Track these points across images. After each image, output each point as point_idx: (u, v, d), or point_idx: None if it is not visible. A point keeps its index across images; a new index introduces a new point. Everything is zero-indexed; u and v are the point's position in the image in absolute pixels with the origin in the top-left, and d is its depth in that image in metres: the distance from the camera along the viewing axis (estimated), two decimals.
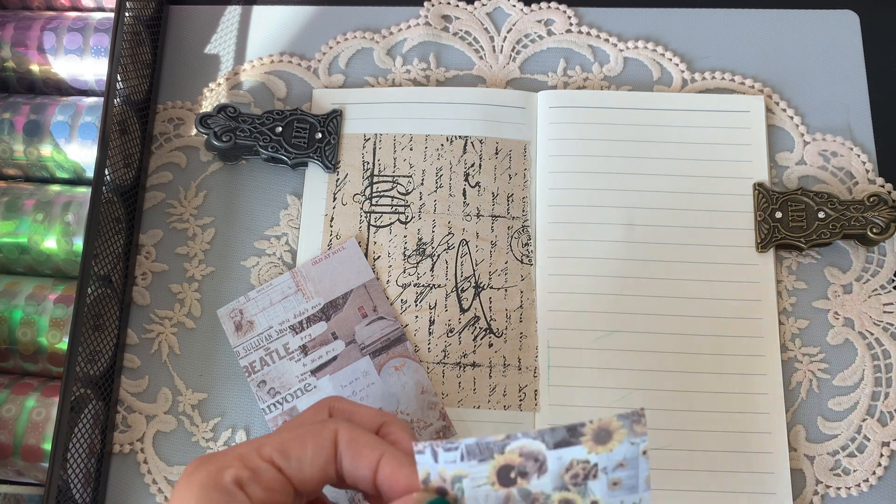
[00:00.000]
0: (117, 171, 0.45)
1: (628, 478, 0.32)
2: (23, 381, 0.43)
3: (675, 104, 0.48)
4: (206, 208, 0.49)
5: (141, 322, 0.47)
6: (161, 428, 0.45)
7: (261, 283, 0.47)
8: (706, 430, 0.43)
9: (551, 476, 0.32)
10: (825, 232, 0.45)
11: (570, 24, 0.51)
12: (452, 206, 0.47)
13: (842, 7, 0.51)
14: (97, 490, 0.43)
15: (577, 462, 0.32)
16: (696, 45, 0.51)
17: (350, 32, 0.52)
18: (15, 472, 0.42)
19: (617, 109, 0.48)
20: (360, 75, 0.51)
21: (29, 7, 0.51)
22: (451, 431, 0.43)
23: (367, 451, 0.30)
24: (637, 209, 0.46)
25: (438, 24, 0.52)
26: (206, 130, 0.47)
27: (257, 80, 0.51)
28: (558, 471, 0.32)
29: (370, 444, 0.30)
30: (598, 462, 0.32)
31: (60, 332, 0.43)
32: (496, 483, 0.31)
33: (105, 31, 0.48)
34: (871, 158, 0.48)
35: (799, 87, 0.50)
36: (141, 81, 0.49)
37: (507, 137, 0.48)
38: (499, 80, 0.50)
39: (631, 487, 0.32)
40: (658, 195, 0.47)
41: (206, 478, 0.28)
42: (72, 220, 0.45)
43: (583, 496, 0.32)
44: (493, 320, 0.45)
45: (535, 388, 0.44)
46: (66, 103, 0.47)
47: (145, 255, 0.48)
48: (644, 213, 0.46)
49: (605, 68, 0.50)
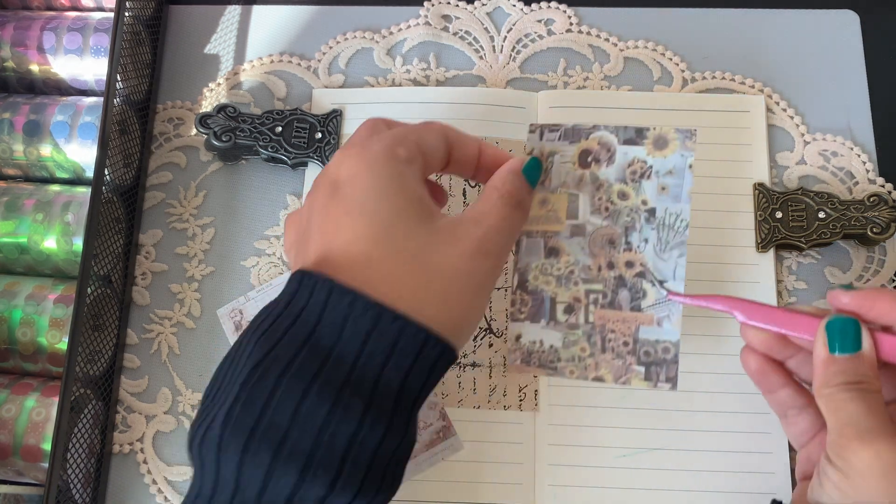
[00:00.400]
0: (117, 171, 0.45)
1: (674, 186, 0.39)
2: (22, 381, 0.43)
3: (675, 104, 0.48)
4: (205, 208, 0.49)
5: (141, 322, 0.47)
6: (161, 428, 0.45)
7: (261, 283, 0.47)
8: (705, 430, 0.43)
9: (616, 168, 0.40)
10: (825, 232, 0.45)
11: (570, 23, 0.51)
12: (452, 207, 0.47)
13: (842, 7, 0.51)
14: (97, 490, 0.43)
15: (637, 160, 0.40)
16: (696, 45, 0.51)
17: (350, 32, 0.52)
18: (15, 472, 0.42)
19: (617, 109, 0.48)
20: (360, 75, 0.51)
21: (29, 7, 0.51)
22: (451, 432, 0.43)
23: (470, 140, 0.38)
24: None
25: (438, 24, 0.52)
26: (205, 130, 0.47)
27: (257, 80, 0.51)
28: (622, 164, 0.40)
29: (470, 138, 0.38)
30: (653, 165, 0.39)
31: (60, 332, 0.43)
32: (576, 163, 0.40)
33: (105, 30, 0.48)
34: (872, 158, 0.48)
35: (799, 87, 0.50)
36: (141, 81, 0.49)
37: (507, 137, 0.48)
38: (499, 80, 0.50)
39: (675, 196, 0.39)
40: None
41: (384, 150, 0.34)
42: (71, 219, 0.45)
43: (636, 192, 0.40)
44: (493, 320, 0.45)
45: (535, 388, 0.44)
46: (65, 103, 0.47)
47: (145, 254, 0.48)
48: None
49: (605, 68, 0.50)
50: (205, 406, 0.32)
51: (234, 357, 0.32)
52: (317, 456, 0.29)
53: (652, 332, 0.39)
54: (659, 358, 0.39)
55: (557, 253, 0.40)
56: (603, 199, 0.40)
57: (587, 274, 0.40)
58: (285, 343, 0.30)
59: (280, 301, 0.32)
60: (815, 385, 0.34)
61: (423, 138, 0.36)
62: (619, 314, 0.40)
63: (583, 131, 0.40)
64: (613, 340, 0.40)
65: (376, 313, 0.31)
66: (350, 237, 0.32)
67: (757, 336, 0.37)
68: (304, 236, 0.35)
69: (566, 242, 0.40)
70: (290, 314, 0.31)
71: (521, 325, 0.40)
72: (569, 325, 0.40)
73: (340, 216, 0.33)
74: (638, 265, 0.40)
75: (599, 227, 0.40)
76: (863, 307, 0.35)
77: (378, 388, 0.30)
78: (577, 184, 0.40)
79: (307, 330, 0.31)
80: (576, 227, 0.40)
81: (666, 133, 0.40)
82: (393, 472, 0.31)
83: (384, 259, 0.32)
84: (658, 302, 0.40)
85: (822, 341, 0.34)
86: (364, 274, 0.32)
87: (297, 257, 0.35)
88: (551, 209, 0.40)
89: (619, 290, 0.40)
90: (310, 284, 0.32)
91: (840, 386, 0.33)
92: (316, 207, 0.34)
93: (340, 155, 0.34)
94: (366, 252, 0.32)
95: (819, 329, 0.35)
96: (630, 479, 0.43)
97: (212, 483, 0.30)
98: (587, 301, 0.40)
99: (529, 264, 0.41)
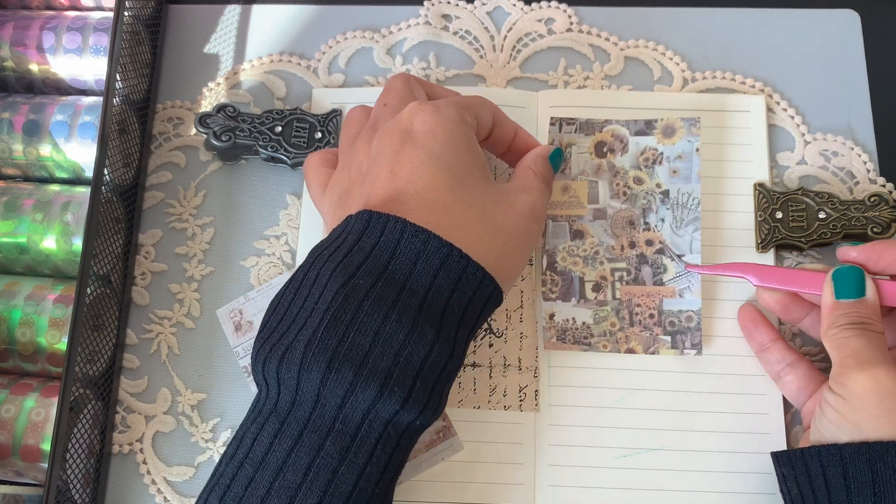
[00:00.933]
0: (116, 171, 0.45)
1: (684, 168, 0.45)
2: (22, 382, 0.43)
3: (675, 104, 0.48)
4: (205, 208, 0.49)
5: (140, 322, 0.47)
6: (160, 428, 0.45)
7: (260, 283, 0.47)
8: (705, 431, 0.43)
9: (630, 156, 0.45)
10: (826, 232, 0.45)
11: (570, 23, 0.51)
12: None
13: (842, 6, 0.51)
14: (96, 490, 0.43)
15: (648, 148, 0.45)
16: (697, 45, 0.51)
17: (350, 32, 0.52)
18: (14, 472, 0.42)
19: (617, 109, 0.48)
20: (360, 75, 0.51)
21: (28, 6, 0.51)
22: (451, 432, 0.43)
23: (510, 122, 0.43)
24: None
25: (438, 24, 0.52)
26: (205, 130, 0.47)
27: (257, 80, 0.51)
28: (635, 153, 0.45)
29: (509, 120, 0.43)
30: (664, 151, 0.45)
31: (59, 332, 0.43)
32: (593, 153, 0.45)
33: (104, 30, 0.48)
34: (872, 158, 0.48)
35: (799, 86, 0.50)
36: (140, 81, 0.49)
37: None
38: (499, 79, 0.50)
39: (686, 177, 0.45)
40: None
41: (458, 114, 0.38)
42: (71, 219, 0.45)
43: (650, 177, 0.45)
44: (493, 320, 0.45)
45: (536, 388, 0.44)
46: (65, 103, 0.47)
47: (144, 254, 0.48)
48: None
49: (605, 68, 0.50)
50: (272, 329, 0.35)
51: (301, 286, 0.35)
52: (394, 374, 0.32)
53: (675, 304, 0.43)
54: (683, 327, 0.43)
55: (582, 235, 0.45)
56: (620, 185, 0.45)
57: (611, 253, 0.44)
58: (362, 274, 0.34)
59: (345, 237, 0.35)
60: (823, 328, 0.38)
61: (479, 111, 0.40)
62: (644, 289, 0.44)
63: (596, 125, 0.46)
64: (640, 314, 0.43)
65: (447, 252, 0.34)
66: (427, 184, 0.36)
67: (772, 297, 0.41)
68: (365, 176, 0.38)
69: (589, 225, 0.45)
70: (361, 249, 0.35)
71: (553, 304, 0.44)
72: (598, 302, 0.44)
73: (417, 164, 0.36)
74: (657, 243, 0.44)
75: (619, 209, 0.45)
76: (870, 259, 0.39)
77: (445, 317, 0.34)
78: (596, 171, 0.45)
79: (382, 263, 0.34)
80: (597, 210, 0.45)
81: (673, 122, 0.45)
82: (444, 392, 0.35)
83: (456, 208, 0.36)
84: (678, 275, 0.44)
85: (829, 289, 0.38)
86: (437, 217, 0.35)
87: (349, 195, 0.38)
88: (573, 195, 0.45)
89: (642, 266, 0.44)
90: (380, 223, 0.35)
91: (844, 326, 0.37)
92: (385, 151, 0.37)
93: (412, 108, 0.38)
94: (441, 200, 0.36)
95: (826, 279, 0.38)
96: (630, 479, 0.43)
97: (290, 398, 0.33)
98: (613, 279, 0.44)
99: (557, 246, 0.45)
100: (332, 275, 0.34)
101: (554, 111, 0.48)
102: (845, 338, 0.36)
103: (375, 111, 0.41)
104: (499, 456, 0.43)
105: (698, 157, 0.45)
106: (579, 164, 0.45)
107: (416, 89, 0.41)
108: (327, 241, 0.36)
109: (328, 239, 0.36)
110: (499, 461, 0.43)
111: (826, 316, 0.38)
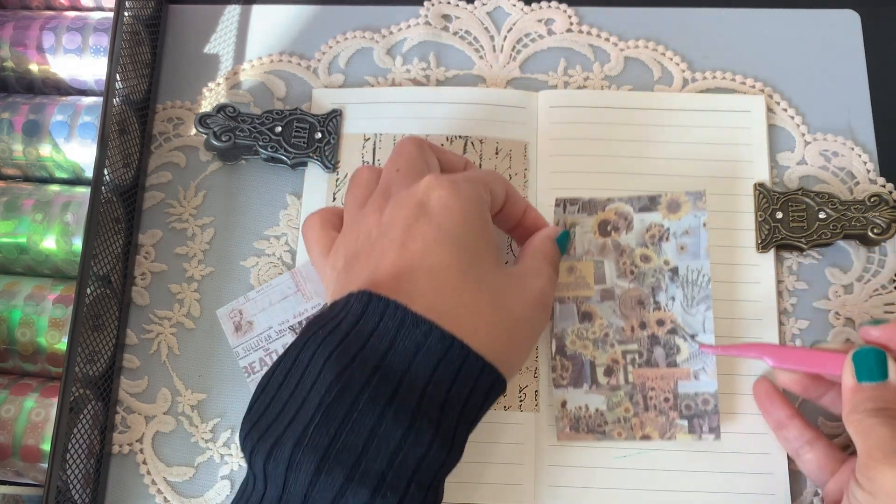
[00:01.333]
0: (116, 171, 0.45)
1: (692, 244, 0.43)
2: (22, 382, 0.43)
3: (675, 104, 0.48)
4: (205, 208, 0.49)
5: (140, 322, 0.47)
6: (160, 428, 0.45)
7: (260, 283, 0.47)
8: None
9: (635, 234, 0.44)
10: (826, 232, 0.45)
11: (570, 23, 0.51)
12: None
13: (842, 7, 0.51)
14: (96, 491, 0.43)
15: (654, 225, 0.43)
16: (697, 45, 0.51)
17: (350, 32, 0.52)
18: (14, 472, 0.42)
19: (617, 109, 0.48)
20: (360, 75, 0.51)
21: (28, 6, 0.51)
22: None
23: (520, 199, 0.41)
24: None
25: (438, 24, 0.52)
26: (205, 130, 0.47)
27: (257, 80, 0.51)
28: (641, 230, 0.44)
29: (521, 197, 0.42)
30: (670, 227, 0.43)
31: (59, 332, 0.43)
32: (597, 233, 0.44)
33: (104, 30, 0.48)
34: (873, 158, 0.48)
35: (800, 86, 0.50)
36: (140, 81, 0.49)
37: (507, 137, 0.48)
38: (499, 79, 0.50)
39: (694, 253, 0.43)
40: None
41: (475, 191, 0.37)
42: (71, 220, 0.45)
43: (657, 255, 0.43)
44: None
45: (535, 388, 0.44)
46: (65, 103, 0.47)
47: (144, 255, 0.48)
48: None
49: (605, 68, 0.50)
50: (260, 412, 0.33)
51: (293, 367, 0.33)
52: (388, 477, 0.31)
53: (690, 386, 0.42)
54: (700, 410, 0.41)
55: (591, 317, 0.43)
56: (627, 264, 0.43)
57: (621, 335, 0.43)
58: (357, 366, 0.32)
59: (343, 316, 0.34)
60: (844, 412, 0.36)
61: (494, 187, 0.39)
62: (657, 371, 0.42)
63: (599, 203, 0.44)
64: (655, 398, 0.42)
65: (448, 345, 0.33)
66: (438, 262, 0.34)
67: (790, 377, 0.40)
68: (374, 245, 0.36)
69: (598, 306, 0.43)
70: (359, 335, 0.33)
71: (565, 390, 0.42)
72: (610, 387, 0.42)
73: (430, 240, 0.35)
74: (668, 322, 0.43)
75: (627, 289, 0.43)
76: (892, 339, 0.37)
77: (444, 410, 0.32)
78: (601, 251, 0.44)
79: (379, 353, 0.32)
80: (605, 291, 0.43)
81: (677, 196, 0.44)
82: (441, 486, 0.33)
83: (466, 290, 0.34)
84: (692, 356, 0.42)
85: (850, 371, 0.36)
86: (444, 300, 0.34)
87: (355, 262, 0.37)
88: (579, 276, 0.44)
89: (654, 347, 0.42)
90: (380, 308, 0.33)
91: (868, 412, 0.35)
92: (398, 223, 0.35)
93: (429, 182, 0.36)
94: (451, 280, 0.34)
95: (847, 360, 0.37)
96: (630, 479, 0.43)
97: (277, 495, 0.31)
98: (625, 361, 0.42)
99: (565, 329, 0.43)
100: (327, 362, 0.32)
101: (554, 111, 0.48)
102: (871, 426, 0.34)
103: (386, 175, 0.39)
104: (499, 456, 0.43)
105: (706, 231, 0.43)
106: (584, 244, 0.44)
107: (430, 157, 0.40)
108: (325, 317, 0.35)
109: (326, 315, 0.35)
110: (499, 461, 0.43)
111: (848, 399, 0.36)
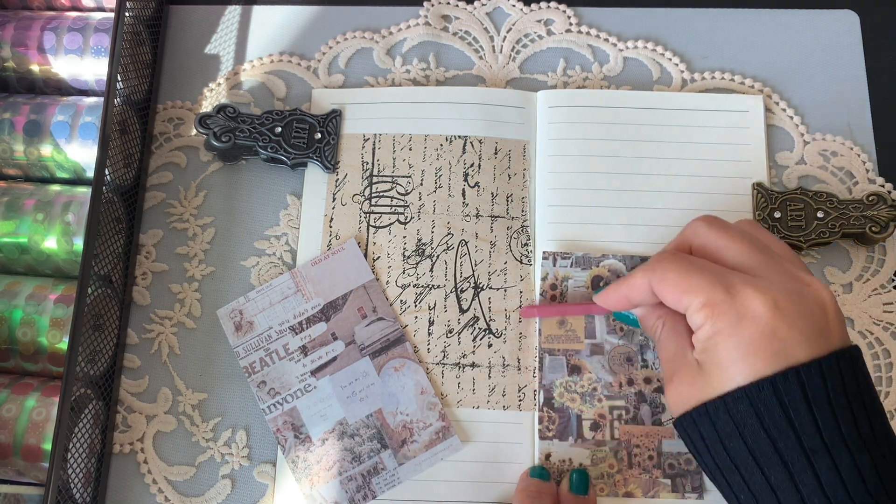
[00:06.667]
0: (117, 171, 0.45)
1: None
2: (23, 381, 0.43)
3: (674, 104, 0.48)
4: (205, 208, 0.49)
5: (141, 322, 0.47)
6: (161, 428, 0.45)
7: (261, 283, 0.47)
8: None
9: None
10: (824, 231, 0.45)
11: (569, 23, 0.51)
12: (452, 207, 0.47)
13: (842, 7, 0.51)
14: (97, 490, 0.43)
15: None
16: (696, 45, 0.51)
17: (350, 32, 0.52)
18: (15, 472, 0.42)
19: (617, 109, 0.48)
20: (360, 75, 0.51)
21: (29, 7, 0.51)
22: (451, 432, 0.43)
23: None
24: (636, 209, 0.46)
25: (438, 24, 0.52)
26: (205, 130, 0.47)
27: (257, 80, 0.51)
28: None
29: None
30: None
31: (60, 331, 0.43)
32: (589, 287, 0.44)
33: (105, 30, 0.48)
34: (871, 158, 0.48)
35: (799, 86, 0.50)
36: (141, 81, 0.49)
37: (507, 137, 0.48)
38: (498, 79, 0.50)
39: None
40: (658, 195, 0.47)
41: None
42: (72, 219, 0.45)
43: None
44: (492, 321, 0.45)
45: (535, 388, 0.44)
46: (66, 103, 0.47)
47: (145, 254, 0.48)
48: (643, 213, 0.46)
49: (604, 68, 0.50)
50: None
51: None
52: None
53: (674, 445, 0.42)
54: (683, 469, 0.42)
55: (580, 371, 0.43)
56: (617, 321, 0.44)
57: (609, 390, 0.43)
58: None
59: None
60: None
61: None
62: (643, 429, 0.42)
63: (593, 259, 0.45)
64: (639, 455, 0.42)
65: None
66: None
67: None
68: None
69: (587, 360, 0.44)
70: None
71: (550, 443, 0.42)
72: (596, 442, 0.42)
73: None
74: (655, 381, 0.43)
75: (616, 345, 0.44)
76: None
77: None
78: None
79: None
80: (595, 345, 0.44)
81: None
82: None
83: None
84: None
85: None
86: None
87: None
88: (570, 329, 0.44)
89: (641, 405, 0.43)
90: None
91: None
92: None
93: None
94: None
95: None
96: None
97: None
98: (612, 417, 0.43)
99: (554, 381, 0.43)
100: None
101: (553, 111, 0.48)
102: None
103: None
104: (498, 455, 0.43)
105: None
106: (575, 298, 0.44)
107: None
108: None
109: None
110: (498, 461, 0.43)
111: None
